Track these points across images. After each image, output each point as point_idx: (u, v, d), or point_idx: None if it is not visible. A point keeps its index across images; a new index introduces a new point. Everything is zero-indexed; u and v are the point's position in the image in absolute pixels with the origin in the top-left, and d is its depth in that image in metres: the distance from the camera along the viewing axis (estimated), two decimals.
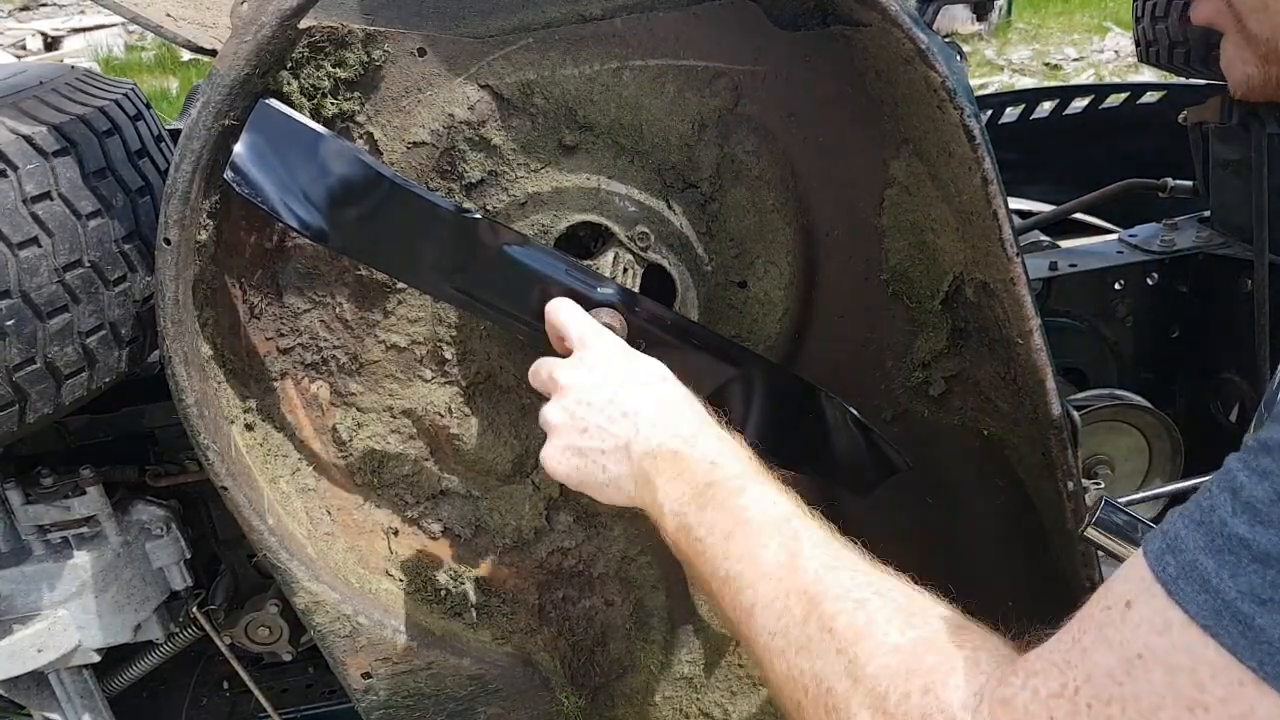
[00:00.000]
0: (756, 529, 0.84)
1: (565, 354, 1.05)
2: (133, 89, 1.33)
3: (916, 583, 0.77)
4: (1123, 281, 1.92)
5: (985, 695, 0.64)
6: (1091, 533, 1.04)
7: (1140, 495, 1.81)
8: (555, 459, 1.00)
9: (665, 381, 1.00)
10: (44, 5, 10.05)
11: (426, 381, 1.26)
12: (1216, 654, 0.54)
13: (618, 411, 0.96)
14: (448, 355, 1.24)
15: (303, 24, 1.04)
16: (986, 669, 0.66)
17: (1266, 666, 0.53)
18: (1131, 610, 0.60)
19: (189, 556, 1.47)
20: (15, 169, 1.05)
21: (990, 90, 6.59)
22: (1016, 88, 6.43)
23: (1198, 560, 0.57)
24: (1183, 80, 2.42)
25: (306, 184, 1.05)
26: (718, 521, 0.86)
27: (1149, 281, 1.92)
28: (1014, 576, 1.36)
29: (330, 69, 1.09)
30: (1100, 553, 1.07)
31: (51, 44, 9.23)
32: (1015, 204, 2.46)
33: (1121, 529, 1.03)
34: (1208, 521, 0.58)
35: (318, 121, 1.08)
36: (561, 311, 1.05)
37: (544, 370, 1.04)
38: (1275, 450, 0.56)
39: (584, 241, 1.22)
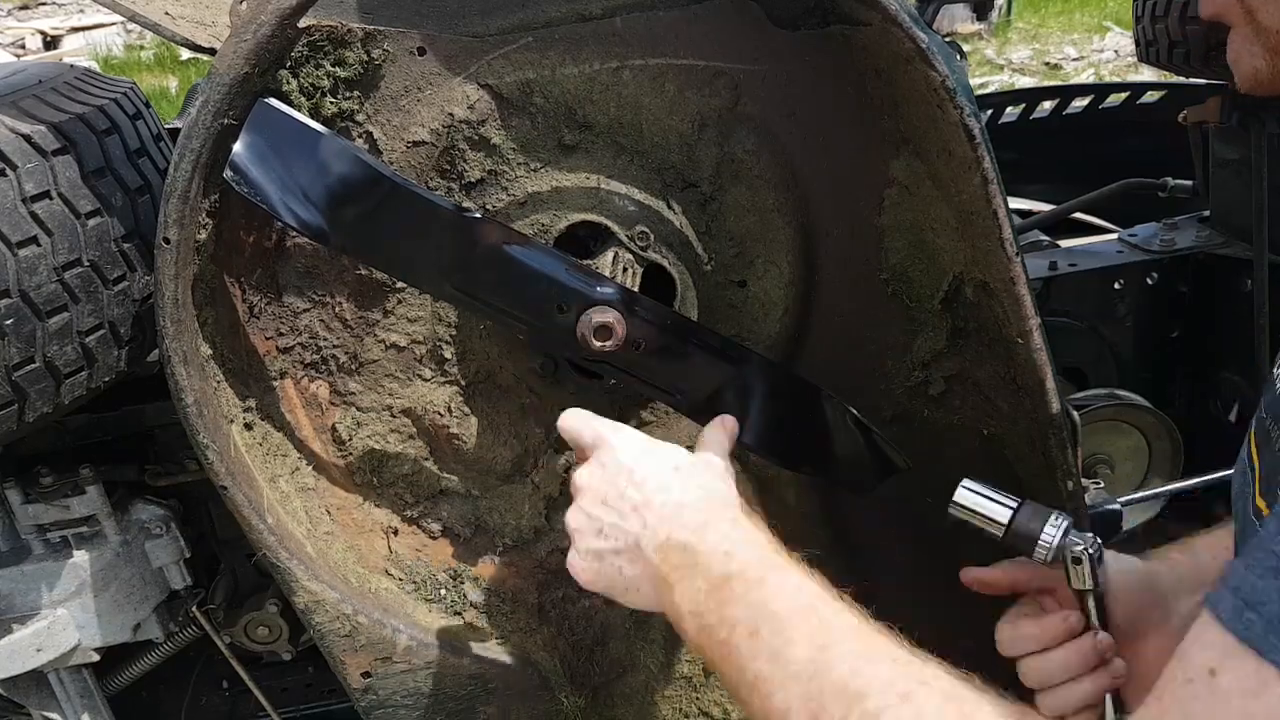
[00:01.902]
0: (782, 623, 0.77)
1: (584, 461, 1.01)
2: (132, 88, 1.33)
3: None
4: (1123, 281, 1.92)
5: None
6: (955, 512, 1.03)
7: (1140, 495, 1.81)
8: (578, 565, 0.95)
9: (679, 470, 0.94)
10: (43, 4, 10.05)
11: (426, 381, 1.26)
12: None
13: (628, 507, 0.92)
14: (447, 354, 1.24)
15: (302, 23, 1.04)
16: None
17: None
18: (1218, 678, 0.55)
19: (188, 556, 1.47)
20: (14, 168, 1.05)
21: (990, 90, 6.59)
22: (1016, 88, 6.43)
23: None
24: (1183, 80, 2.42)
25: (306, 183, 1.05)
26: (740, 618, 0.79)
27: (1149, 281, 1.92)
28: None
29: (330, 68, 1.09)
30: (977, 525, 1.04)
31: (51, 43, 9.23)
32: (1015, 204, 2.46)
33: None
34: None
35: (317, 120, 1.08)
36: (570, 420, 1.02)
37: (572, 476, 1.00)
38: None
39: (584, 241, 1.22)
